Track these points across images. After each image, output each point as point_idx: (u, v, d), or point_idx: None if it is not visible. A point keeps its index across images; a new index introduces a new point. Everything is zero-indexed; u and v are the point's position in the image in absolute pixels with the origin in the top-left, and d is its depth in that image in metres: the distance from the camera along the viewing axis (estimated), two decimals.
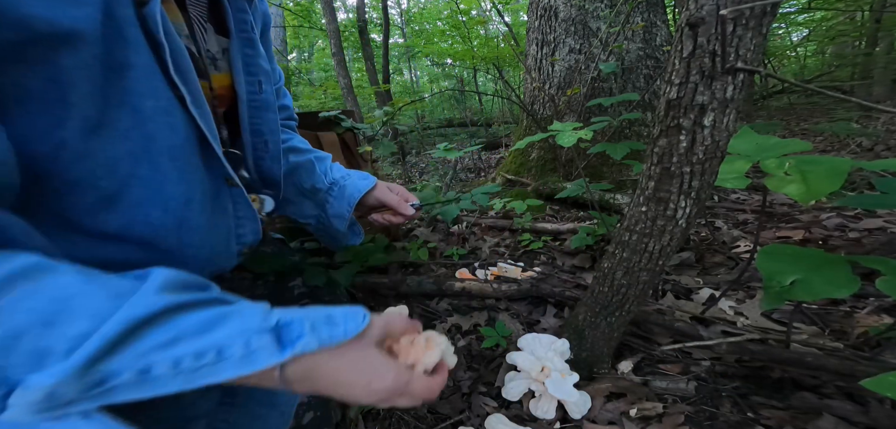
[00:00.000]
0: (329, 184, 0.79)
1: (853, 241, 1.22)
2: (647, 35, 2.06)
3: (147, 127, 0.42)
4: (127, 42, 0.40)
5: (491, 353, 0.94)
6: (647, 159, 0.67)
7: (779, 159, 0.72)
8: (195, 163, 0.49)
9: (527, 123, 2.32)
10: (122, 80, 0.40)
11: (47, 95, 0.36)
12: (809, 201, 0.61)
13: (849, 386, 0.71)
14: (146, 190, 0.44)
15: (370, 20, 8.50)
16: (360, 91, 6.60)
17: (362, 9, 6.22)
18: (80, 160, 0.39)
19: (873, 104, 0.52)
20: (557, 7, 2.17)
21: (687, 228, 0.68)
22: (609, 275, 0.78)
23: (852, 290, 0.58)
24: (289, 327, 0.37)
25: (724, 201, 1.76)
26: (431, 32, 8.70)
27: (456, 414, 0.79)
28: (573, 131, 1.00)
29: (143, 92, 0.42)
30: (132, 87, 0.41)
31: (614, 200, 1.66)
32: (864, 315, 0.89)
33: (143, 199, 0.44)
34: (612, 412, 0.76)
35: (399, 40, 11.74)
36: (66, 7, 0.34)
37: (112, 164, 0.41)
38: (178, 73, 0.44)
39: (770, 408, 0.72)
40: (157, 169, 0.44)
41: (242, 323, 0.35)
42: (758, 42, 0.53)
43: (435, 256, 1.53)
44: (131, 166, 0.42)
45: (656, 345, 0.90)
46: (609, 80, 2.04)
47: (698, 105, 0.57)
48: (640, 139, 1.96)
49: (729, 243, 1.33)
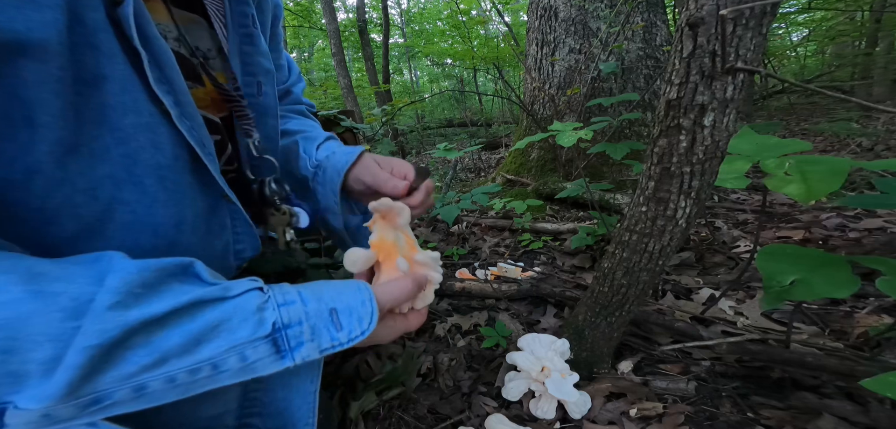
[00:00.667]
0: (313, 169, 0.65)
1: (853, 241, 1.22)
2: (647, 35, 2.06)
3: (128, 146, 0.38)
4: (98, 51, 0.35)
5: (491, 353, 0.94)
6: (647, 159, 0.67)
7: (779, 159, 0.72)
8: (187, 181, 0.44)
9: (527, 123, 2.32)
10: (98, 95, 0.35)
11: (11, 115, 0.31)
12: (809, 201, 0.61)
13: (849, 386, 0.71)
14: (132, 215, 0.40)
15: (370, 20, 8.51)
16: (360, 91, 6.61)
17: (362, 9, 6.22)
18: (57, 187, 0.35)
19: (873, 104, 0.52)
20: (557, 7, 2.17)
21: (687, 228, 0.68)
22: (609, 275, 0.78)
23: (852, 290, 0.58)
24: (287, 331, 0.35)
25: (724, 201, 1.76)
26: (431, 32, 8.72)
27: (456, 414, 0.79)
28: (573, 131, 1.00)
29: (122, 107, 0.37)
30: (109, 102, 0.36)
31: (614, 200, 1.66)
32: (864, 315, 0.89)
33: (130, 225, 0.40)
34: (612, 412, 0.75)
35: (399, 40, 11.75)
36: (19, 10, 0.30)
37: (92, 189, 0.37)
38: (160, 83, 0.39)
39: (770, 408, 0.72)
40: (144, 192, 0.40)
41: (232, 337, 0.33)
42: (758, 42, 0.53)
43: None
44: (113, 190, 0.38)
45: (656, 345, 0.90)
46: (609, 80, 2.04)
47: (698, 105, 0.57)
48: (640, 139, 1.96)
49: (729, 243, 1.33)
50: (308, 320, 0.36)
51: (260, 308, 0.35)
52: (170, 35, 0.47)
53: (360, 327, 0.38)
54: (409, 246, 0.54)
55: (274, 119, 0.60)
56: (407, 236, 0.54)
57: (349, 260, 0.50)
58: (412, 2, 14.75)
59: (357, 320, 0.38)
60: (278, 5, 0.65)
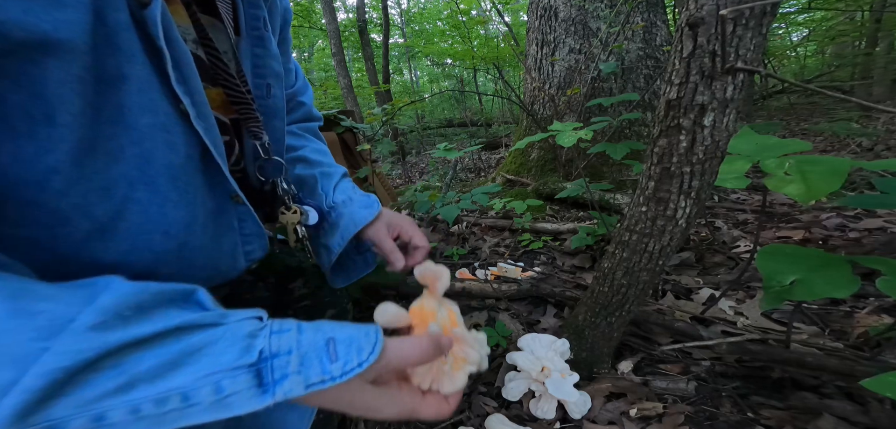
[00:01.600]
0: (328, 208, 0.69)
1: (853, 241, 1.22)
2: (647, 35, 2.06)
3: (144, 145, 0.38)
4: (119, 51, 0.35)
5: (491, 353, 0.94)
6: (647, 159, 0.67)
7: (779, 159, 0.72)
8: (198, 182, 0.44)
9: (527, 123, 2.32)
10: (116, 95, 0.35)
11: (32, 114, 0.31)
12: (809, 201, 0.61)
13: (849, 386, 0.71)
14: (144, 215, 0.40)
15: (370, 20, 8.51)
16: (360, 91, 6.61)
17: (362, 9, 6.23)
18: (74, 187, 0.35)
19: (873, 104, 0.52)
20: (557, 7, 2.17)
21: (687, 228, 0.68)
22: (609, 275, 0.78)
23: (852, 290, 0.58)
24: (273, 361, 0.32)
25: (724, 201, 1.76)
26: (431, 32, 8.72)
27: (456, 414, 0.79)
28: (573, 131, 1.00)
29: (140, 107, 0.37)
30: (127, 101, 0.36)
31: (614, 200, 1.66)
32: (864, 315, 0.89)
33: (142, 225, 0.40)
34: (612, 412, 0.75)
35: (399, 40, 11.75)
36: (46, 10, 0.30)
37: (106, 189, 0.37)
38: (180, 84, 0.39)
39: (770, 408, 0.72)
40: (156, 191, 0.40)
41: (213, 362, 0.30)
42: (758, 42, 0.53)
43: (435, 256, 1.54)
44: (127, 190, 0.38)
45: (656, 345, 0.90)
46: (609, 80, 2.04)
47: (698, 105, 0.57)
48: (640, 139, 1.96)
49: (729, 243, 1.33)
50: (299, 349, 0.33)
51: (252, 334, 0.33)
52: (188, 37, 0.47)
53: (357, 357, 0.34)
54: (451, 320, 0.47)
55: (281, 121, 0.61)
56: (450, 311, 0.47)
57: (379, 311, 0.43)
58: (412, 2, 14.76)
59: (356, 350, 0.34)
60: (288, 9, 0.65)
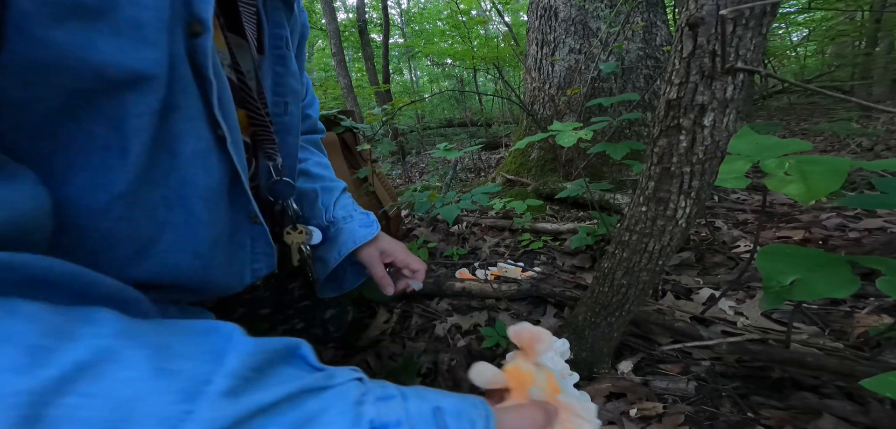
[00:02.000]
0: (327, 222, 0.71)
1: (853, 241, 1.22)
2: (647, 35, 2.06)
3: (185, 171, 0.39)
4: (178, 81, 0.37)
5: (491, 353, 0.94)
6: (647, 159, 0.67)
7: (779, 159, 0.72)
8: (224, 203, 0.46)
9: (527, 123, 2.32)
10: (168, 123, 0.37)
11: (110, 145, 0.33)
12: (809, 201, 0.61)
13: (849, 386, 0.71)
14: (178, 236, 0.41)
15: (370, 20, 8.51)
16: (360, 91, 6.61)
17: (362, 9, 6.23)
18: (130, 210, 0.36)
19: (873, 104, 0.52)
20: (557, 7, 2.17)
21: (687, 228, 0.68)
22: (609, 275, 0.78)
23: (852, 290, 0.58)
24: None
25: (724, 201, 1.76)
26: (431, 32, 8.72)
27: None
28: (573, 131, 1.00)
29: (185, 134, 0.39)
30: (176, 129, 0.38)
31: (614, 200, 1.66)
32: (864, 315, 0.89)
33: (174, 245, 0.41)
34: (612, 412, 0.75)
35: (399, 40, 11.76)
36: (136, 48, 0.32)
37: (151, 211, 0.38)
38: (220, 110, 0.41)
39: (770, 408, 0.72)
40: (191, 213, 0.41)
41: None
42: (758, 42, 0.53)
43: (435, 256, 1.54)
44: (166, 213, 0.40)
45: (656, 345, 0.90)
46: (609, 80, 2.04)
47: (698, 105, 0.57)
48: (640, 139, 1.96)
49: (729, 243, 1.33)
50: (408, 420, 0.31)
51: (358, 401, 0.32)
52: (225, 62, 0.48)
53: None
54: (551, 386, 0.43)
55: (295, 137, 0.62)
56: (549, 376, 0.44)
57: (476, 372, 0.41)
58: (412, 2, 14.76)
59: (468, 424, 0.32)
60: (305, 24, 0.66)
